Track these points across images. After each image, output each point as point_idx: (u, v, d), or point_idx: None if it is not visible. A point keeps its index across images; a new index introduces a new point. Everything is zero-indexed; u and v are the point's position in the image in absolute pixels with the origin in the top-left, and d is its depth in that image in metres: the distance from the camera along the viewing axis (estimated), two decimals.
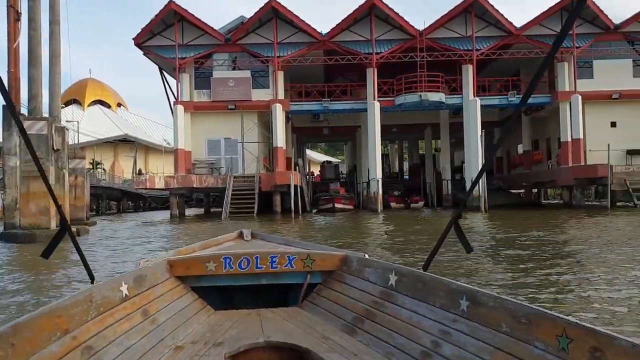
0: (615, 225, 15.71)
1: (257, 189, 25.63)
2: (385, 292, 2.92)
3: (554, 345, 1.86)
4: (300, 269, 3.46)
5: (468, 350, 2.18)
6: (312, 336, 2.76)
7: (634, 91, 27.91)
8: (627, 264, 7.50)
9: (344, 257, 3.49)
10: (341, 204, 28.59)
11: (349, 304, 3.08)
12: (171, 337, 2.66)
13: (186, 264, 3.35)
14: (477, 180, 2.77)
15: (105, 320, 2.36)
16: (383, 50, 27.82)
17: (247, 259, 3.40)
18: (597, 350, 1.71)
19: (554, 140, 32.15)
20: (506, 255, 9.16)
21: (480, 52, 27.82)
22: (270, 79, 28.57)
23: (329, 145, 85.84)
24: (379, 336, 2.67)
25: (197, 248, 4.13)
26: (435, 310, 2.49)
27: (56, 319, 2.08)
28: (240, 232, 5.01)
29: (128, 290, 2.65)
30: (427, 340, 2.40)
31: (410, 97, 27.63)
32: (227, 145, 28.55)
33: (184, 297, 3.15)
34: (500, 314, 2.14)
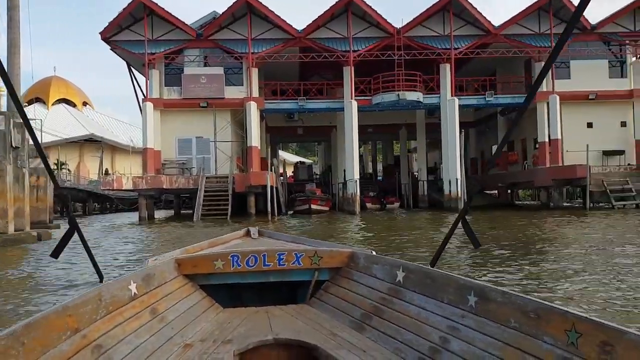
0: (610, 225, 15.33)
1: (231, 190, 24.70)
2: (393, 288, 2.93)
3: (563, 340, 1.86)
4: (308, 266, 3.47)
5: (477, 345, 2.18)
6: (321, 333, 2.78)
7: (609, 92, 27.89)
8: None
9: (351, 254, 3.50)
10: (317, 205, 27.84)
11: (357, 300, 3.10)
12: (180, 335, 2.67)
13: (194, 262, 3.35)
14: (488, 169, 2.53)
15: (115, 319, 2.37)
16: (360, 48, 27.18)
17: (254, 257, 3.42)
18: (607, 345, 1.70)
19: (530, 141, 32.02)
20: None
21: (459, 51, 27.41)
22: (244, 76, 27.64)
23: (300, 146, 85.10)
24: (387, 332, 2.68)
25: (205, 246, 4.12)
26: (444, 306, 2.50)
27: (66, 317, 2.09)
28: (248, 230, 5.06)
29: (137, 289, 2.65)
30: (435, 336, 2.41)
31: (387, 96, 27.04)
32: (199, 144, 27.50)
33: (192, 295, 3.17)
34: (508, 309, 2.14)
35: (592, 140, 27.85)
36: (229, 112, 27.49)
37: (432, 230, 16.06)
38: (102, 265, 8.50)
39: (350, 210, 26.47)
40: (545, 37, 27.78)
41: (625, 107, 28.78)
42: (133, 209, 38.23)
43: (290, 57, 27.46)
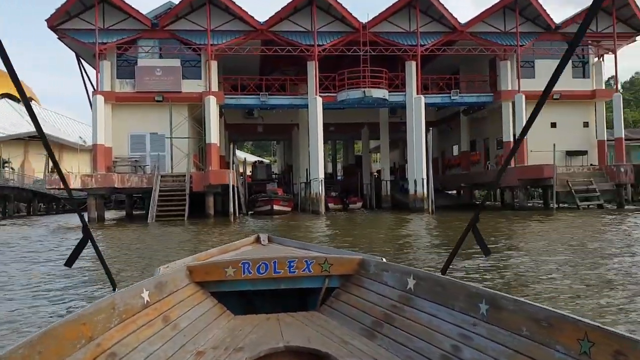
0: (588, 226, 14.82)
1: (188, 190, 23.31)
2: (404, 295, 2.93)
3: (576, 349, 1.84)
4: (318, 273, 3.47)
5: (488, 354, 2.18)
6: (332, 340, 2.79)
7: (573, 92, 27.81)
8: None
9: (362, 260, 3.50)
10: (280, 205, 26.71)
11: (368, 307, 3.09)
12: (192, 343, 2.69)
13: (205, 270, 3.36)
14: (501, 171, 2.74)
15: (128, 327, 2.38)
16: (325, 43, 26.19)
17: (265, 264, 3.42)
18: (620, 354, 1.68)
19: (493, 141, 31.79)
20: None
21: (425, 48, 26.78)
22: (203, 70, 26.23)
23: (256, 145, 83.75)
24: (398, 340, 2.69)
25: (216, 253, 4.13)
26: (455, 314, 2.49)
27: (81, 326, 2.10)
28: (258, 237, 5.02)
29: (149, 296, 2.65)
30: (447, 344, 2.40)
31: (353, 93, 26.15)
32: (154, 140, 25.93)
33: (204, 303, 3.18)
34: (520, 317, 2.13)
35: (556, 141, 27.68)
36: (186, 106, 26.04)
37: (417, 230, 15.22)
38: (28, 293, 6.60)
39: (314, 211, 25.44)
40: (511, 35, 27.49)
41: (588, 108, 28.83)
42: (82, 209, 36.10)
43: (252, 50, 26.20)
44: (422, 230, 16.11)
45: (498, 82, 28.56)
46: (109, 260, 9.51)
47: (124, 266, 8.76)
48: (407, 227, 17.18)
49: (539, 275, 6.93)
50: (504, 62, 27.90)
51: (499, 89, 28.25)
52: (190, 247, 11.50)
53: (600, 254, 8.90)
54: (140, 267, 8.55)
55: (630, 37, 28.46)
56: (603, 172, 26.27)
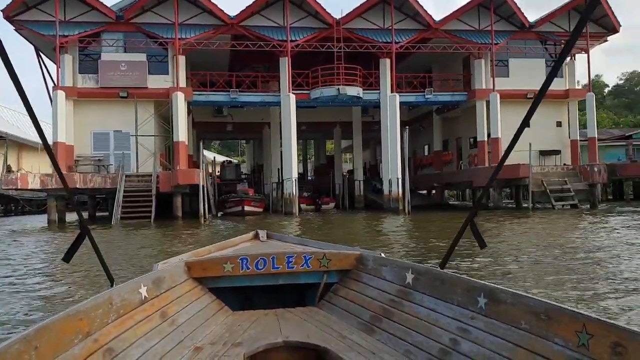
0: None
1: (155, 190, 22.24)
2: (403, 290, 2.93)
3: (574, 341, 1.86)
4: (317, 269, 3.47)
5: (487, 347, 2.18)
6: (330, 335, 2.78)
7: (547, 91, 27.61)
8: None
9: (360, 256, 3.51)
10: (251, 206, 25.81)
11: (366, 302, 3.10)
12: (190, 338, 2.66)
13: (203, 266, 3.35)
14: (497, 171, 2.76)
15: (126, 323, 2.36)
16: (298, 39, 25.41)
17: (264, 260, 3.41)
18: (619, 346, 1.69)
19: (465, 141, 31.54)
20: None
21: (400, 45, 26.25)
22: (170, 65, 25.13)
23: (223, 145, 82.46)
24: (397, 334, 2.68)
25: (214, 249, 4.11)
26: (454, 308, 2.50)
27: (78, 321, 2.08)
28: (256, 233, 5.02)
29: (147, 292, 2.64)
30: (445, 338, 2.40)
31: (327, 91, 25.43)
32: (118, 139, 24.74)
33: (202, 298, 3.15)
34: (519, 310, 2.14)
35: (530, 140, 27.40)
36: (152, 103, 24.93)
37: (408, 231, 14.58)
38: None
39: (288, 212, 24.63)
40: (485, 34, 27.21)
41: (561, 107, 28.78)
42: (42, 211, 34.54)
43: (221, 44, 25.22)
44: (403, 232, 15.50)
45: (472, 80, 28.25)
46: (51, 270, 8.49)
47: (58, 285, 7.21)
48: (386, 228, 16.55)
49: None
50: (478, 60, 27.61)
51: (473, 87, 27.94)
52: (151, 254, 10.54)
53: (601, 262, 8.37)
54: (80, 282, 7.19)
55: (601, 37, 28.53)
56: (577, 172, 26.17)
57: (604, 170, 25.70)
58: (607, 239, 11.03)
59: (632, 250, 9.06)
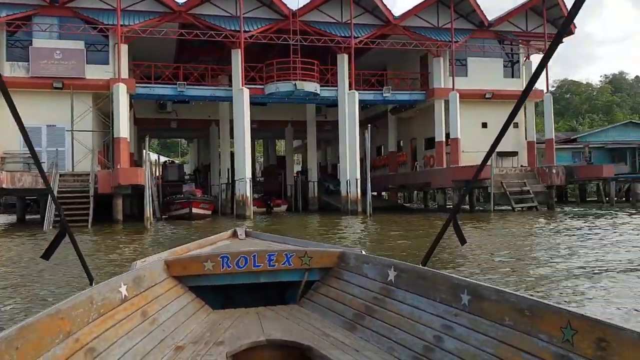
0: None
1: (92, 191, 20.13)
2: (385, 287, 2.92)
3: (559, 337, 1.87)
4: (298, 267, 3.44)
5: (471, 343, 2.19)
6: (313, 333, 2.77)
7: (505, 92, 27.25)
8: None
9: (342, 253, 3.49)
10: (199, 208, 24.01)
11: (348, 300, 3.09)
12: (171, 338, 2.64)
13: (183, 264, 3.29)
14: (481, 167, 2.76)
15: (107, 322, 2.33)
16: (252, 29, 23.80)
17: (244, 258, 3.38)
18: (603, 341, 1.71)
19: (420, 141, 30.82)
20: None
21: (359, 40, 25.10)
22: (111, 54, 22.98)
23: (163, 145, 79.49)
24: (380, 332, 2.68)
25: (193, 248, 4.04)
26: (436, 305, 2.50)
27: (59, 321, 2.05)
28: (234, 231, 4.93)
29: (127, 291, 2.60)
30: (429, 335, 2.41)
31: (283, 86, 23.94)
32: (51, 134, 22.39)
33: (182, 297, 3.10)
34: (502, 307, 2.14)
35: (487, 141, 26.42)
36: (90, 95, 22.69)
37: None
38: None
39: (240, 215, 22.95)
40: (444, 31, 26.49)
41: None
42: None
43: (168, 32, 23.24)
44: (374, 234, 14.24)
45: (430, 79, 27.47)
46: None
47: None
48: (353, 232, 15.25)
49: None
50: (437, 58, 26.83)
51: (431, 86, 27.15)
52: (81, 274, 8.84)
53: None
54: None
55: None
56: (534, 174, 25.83)
57: (562, 172, 25.45)
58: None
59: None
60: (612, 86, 76.40)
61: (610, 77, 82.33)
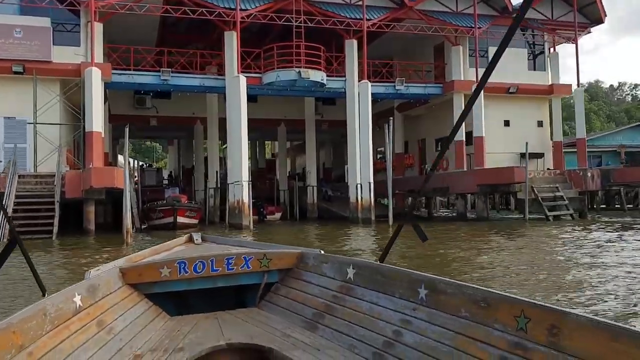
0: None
1: (59, 196, 16.62)
2: (344, 286, 2.94)
3: (513, 326, 1.92)
4: (257, 269, 3.42)
5: (429, 337, 2.24)
6: (274, 335, 2.77)
7: (530, 86, 24.40)
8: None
9: (300, 254, 3.49)
10: (185, 217, 20.57)
11: (308, 300, 3.10)
12: (129, 347, 2.60)
13: (139, 271, 3.22)
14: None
15: (61, 334, 2.28)
16: (249, 8, 20.42)
17: (202, 263, 3.34)
18: (554, 327, 1.78)
19: (430, 142, 27.82)
20: None
21: (372, 23, 21.92)
22: (82, 33, 19.41)
23: (137, 149, 75.64)
24: (340, 330, 2.71)
25: (148, 254, 3.96)
26: (395, 300, 2.54)
27: (10, 335, 1.99)
28: (190, 236, 4.86)
29: (81, 301, 2.54)
30: (388, 330, 2.45)
31: (285, 74, 20.60)
32: (10, 127, 18.81)
33: (138, 305, 3.06)
34: (458, 299, 2.19)
35: (510, 141, 24.32)
36: (58, 82, 19.11)
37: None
38: None
39: (234, 224, 19.49)
40: (463, 17, 23.51)
41: (542, 105, 25.62)
42: None
43: (151, 8, 19.66)
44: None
45: (447, 71, 24.43)
46: None
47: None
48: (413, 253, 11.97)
49: None
50: (456, 47, 23.82)
51: (449, 79, 24.11)
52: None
53: None
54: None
55: (585, 29, 25.63)
56: (565, 178, 22.88)
57: (597, 176, 22.59)
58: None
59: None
60: (587, 94, 76.10)
61: (586, 86, 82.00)
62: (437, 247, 11.25)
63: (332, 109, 30.03)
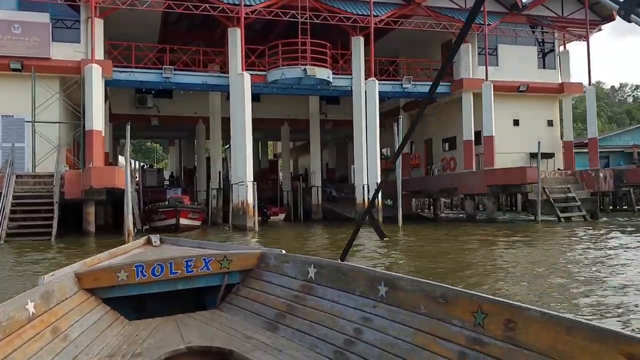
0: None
1: (58, 196, 16.12)
2: (306, 285, 2.93)
3: (471, 321, 1.96)
4: (217, 271, 3.39)
5: (389, 334, 2.25)
6: (235, 337, 2.75)
7: (540, 84, 23.85)
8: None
9: (261, 254, 3.46)
10: (188, 218, 20.02)
11: (269, 300, 3.08)
12: (85, 353, 2.55)
13: (95, 275, 3.15)
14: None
15: (13, 342, 2.20)
16: (254, 3, 19.89)
17: (161, 266, 3.29)
18: (511, 322, 1.82)
19: (437, 142, 27.29)
20: None
21: (380, 19, 21.40)
22: (83, 30, 18.91)
23: (136, 150, 75.24)
24: (301, 329, 2.71)
25: (104, 258, 3.89)
26: (356, 299, 2.55)
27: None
28: (148, 238, 4.79)
29: (35, 308, 2.46)
30: (349, 329, 2.46)
31: (290, 72, 20.06)
32: (7, 126, 18.33)
33: (95, 310, 3.00)
34: (417, 296, 2.22)
35: (519, 141, 23.79)
36: (57, 79, 18.61)
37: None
38: None
39: (238, 225, 18.98)
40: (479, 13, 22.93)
41: (552, 104, 25.08)
42: None
43: (152, 4, 19.10)
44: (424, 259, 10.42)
45: (455, 69, 23.89)
46: None
47: None
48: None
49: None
50: (465, 45, 23.25)
51: (458, 77, 23.57)
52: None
53: None
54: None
55: (596, 26, 25.11)
56: (577, 178, 22.32)
57: (610, 177, 22.03)
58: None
59: None
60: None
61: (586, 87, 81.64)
62: (464, 256, 10.71)
63: (336, 109, 29.52)
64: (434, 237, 15.45)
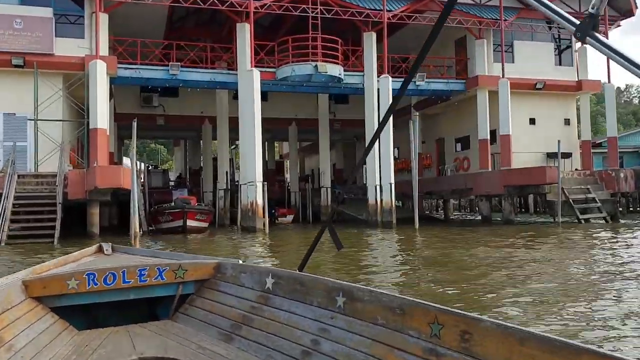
0: None
1: (61, 197, 15.52)
2: (263, 295, 2.90)
3: (427, 332, 1.94)
4: (172, 281, 3.31)
5: (347, 345, 2.23)
6: (189, 348, 2.70)
7: (557, 82, 23.12)
8: None
9: (218, 264, 3.40)
10: (195, 220, 19.44)
11: (225, 311, 3.05)
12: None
13: (44, 283, 3.05)
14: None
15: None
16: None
17: (113, 274, 3.19)
18: (466, 333, 1.81)
19: (449, 141, 26.58)
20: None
21: (393, 14, 20.72)
22: (87, 25, 18.28)
23: (141, 152, 74.58)
24: (257, 340, 2.67)
25: (53, 266, 3.67)
26: (314, 309, 2.51)
27: None
28: (100, 246, 4.58)
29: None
30: (306, 340, 2.43)
31: (301, 68, 19.40)
32: (9, 124, 17.70)
33: (43, 319, 2.91)
34: (375, 307, 2.19)
35: (535, 140, 23.08)
36: (60, 76, 17.99)
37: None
38: None
39: (248, 227, 18.33)
40: (487, 9, 22.30)
41: (569, 102, 24.35)
42: None
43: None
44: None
45: (470, 66, 23.20)
46: None
47: None
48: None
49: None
50: (479, 41, 22.56)
51: (473, 74, 22.88)
52: None
53: None
54: None
55: (614, 22, 24.38)
56: (596, 179, 21.61)
57: (630, 177, 21.30)
58: None
59: None
60: (595, 96, 74.95)
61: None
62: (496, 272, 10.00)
63: (345, 108, 28.92)
64: (461, 240, 14.60)
